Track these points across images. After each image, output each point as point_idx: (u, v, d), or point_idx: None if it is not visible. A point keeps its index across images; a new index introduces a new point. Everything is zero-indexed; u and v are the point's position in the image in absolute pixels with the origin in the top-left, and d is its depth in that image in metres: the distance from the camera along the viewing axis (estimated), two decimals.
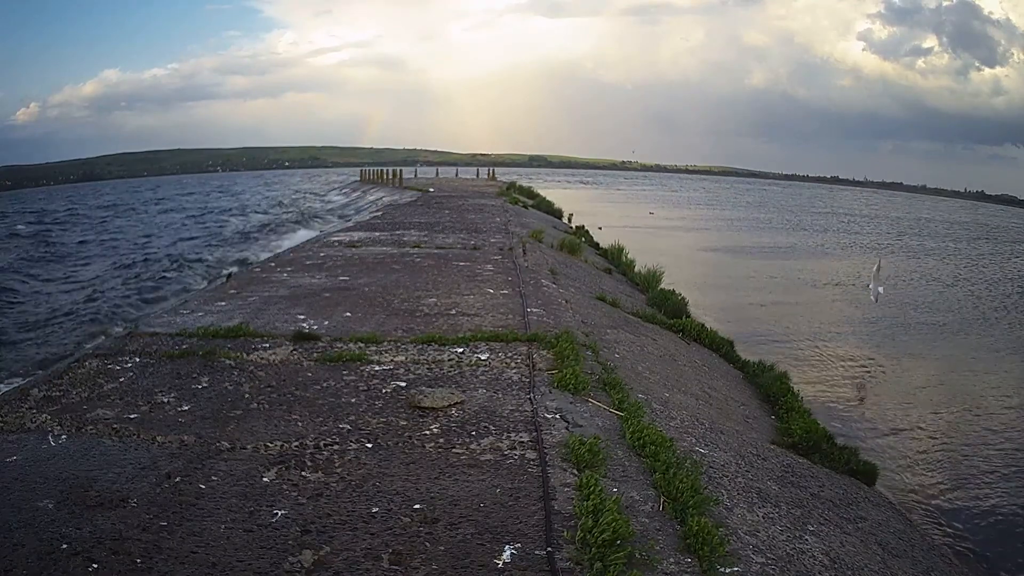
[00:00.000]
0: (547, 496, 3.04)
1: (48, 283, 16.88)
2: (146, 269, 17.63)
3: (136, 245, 23.92)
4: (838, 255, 26.10)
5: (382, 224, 15.53)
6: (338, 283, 8.07)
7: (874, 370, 10.62)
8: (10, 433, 3.69)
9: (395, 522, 2.83)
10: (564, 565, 2.54)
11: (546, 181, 75.71)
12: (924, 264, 24.83)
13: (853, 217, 53.09)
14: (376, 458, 3.43)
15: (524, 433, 3.74)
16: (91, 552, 2.57)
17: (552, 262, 10.79)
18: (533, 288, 8.02)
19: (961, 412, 8.85)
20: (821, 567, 3.22)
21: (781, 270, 20.85)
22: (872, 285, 12.61)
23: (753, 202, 68.40)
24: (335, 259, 9.97)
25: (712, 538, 2.79)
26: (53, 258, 21.31)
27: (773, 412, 6.54)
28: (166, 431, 3.72)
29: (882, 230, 41.34)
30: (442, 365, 4.91)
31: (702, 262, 21.86)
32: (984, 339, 13.35)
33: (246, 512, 2.90)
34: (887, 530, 4.46)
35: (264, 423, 3.85)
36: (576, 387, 4.44)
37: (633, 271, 13.71)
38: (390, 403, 4.18)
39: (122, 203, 51.68)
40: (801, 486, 4.42)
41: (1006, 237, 43.27)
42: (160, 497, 3.00)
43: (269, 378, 4.61)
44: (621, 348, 6.41)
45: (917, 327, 13.96)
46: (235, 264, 16.00)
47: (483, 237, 12.86)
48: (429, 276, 8.58)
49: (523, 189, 34.46)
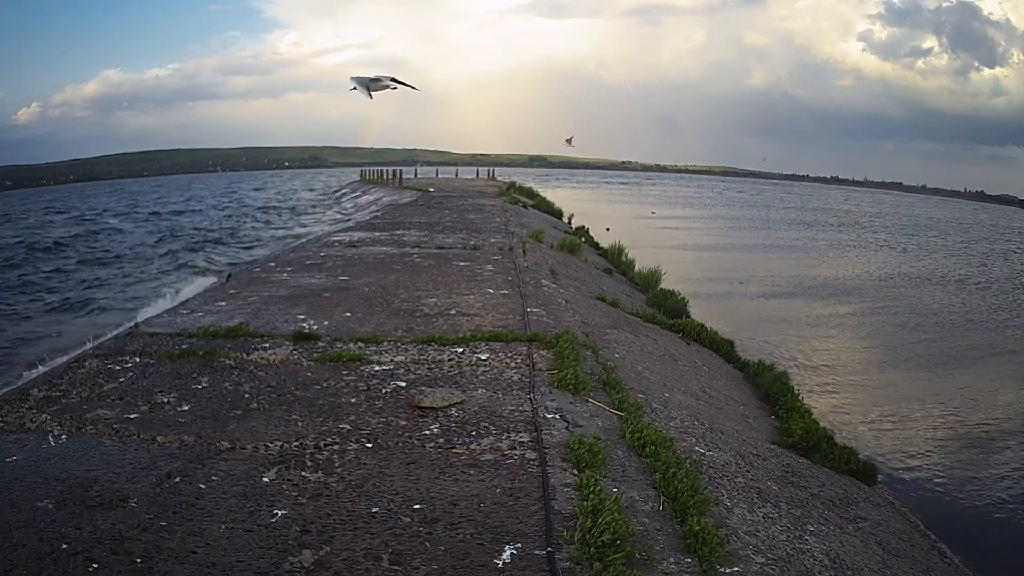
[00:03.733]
0: (547, 496, 3.04)
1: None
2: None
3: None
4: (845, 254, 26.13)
5: (382, 224, 15.52)
6: (338, 283, 8.07)
7: (874, 370, 10.62)
8: (10, 433, 3.69)
9: (395, 522, 2.83)
10: (564, 565, 2.54)
11: (546, 181, 75.67)
12: (923, 264, 24.84)
13: (862, 216, 53.43)
14: (376, 458, 3.43)
15: (524, 433, 3.74)
16: (91, 552, 2.57)
17: (552, 262, 10.78)
18: (533, 288, 8.02)
19: (962, 412, 8.86)
20: (821, 567, 3.22)
21: (780, 271, 20.85)
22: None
23: (759, 202, 68.42)
24: (335, 259, 9.97)
25: (712, 538, 2.79)
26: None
27: (773, 412, 6.53)
28: (166, 431, 3.72)
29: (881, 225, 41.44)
30: (442, 365, 4.91)
31: (702, 261, 21.86)
32: (985, 338, 13.36)
33: (246, 512, 2.90)
34: (887, 530, 4.46)
35: (264, 423, 3.85)
36: (576, 387, 4.44)
37: (633, 271, 13.71)
38: (390, 403, 4.17)
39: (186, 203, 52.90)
40: (801, 486, 4.42)
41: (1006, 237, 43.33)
42: (160, 497, 3.00)
43: (269, 378, 4.61)
44: (621, 348, 6.41)
45: (917, 327, 13.97)
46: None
47: (483, 237, 12.86)
48: (429, 276, 8.58)
49: (523, 189, 34.44)
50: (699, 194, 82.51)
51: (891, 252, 28.64)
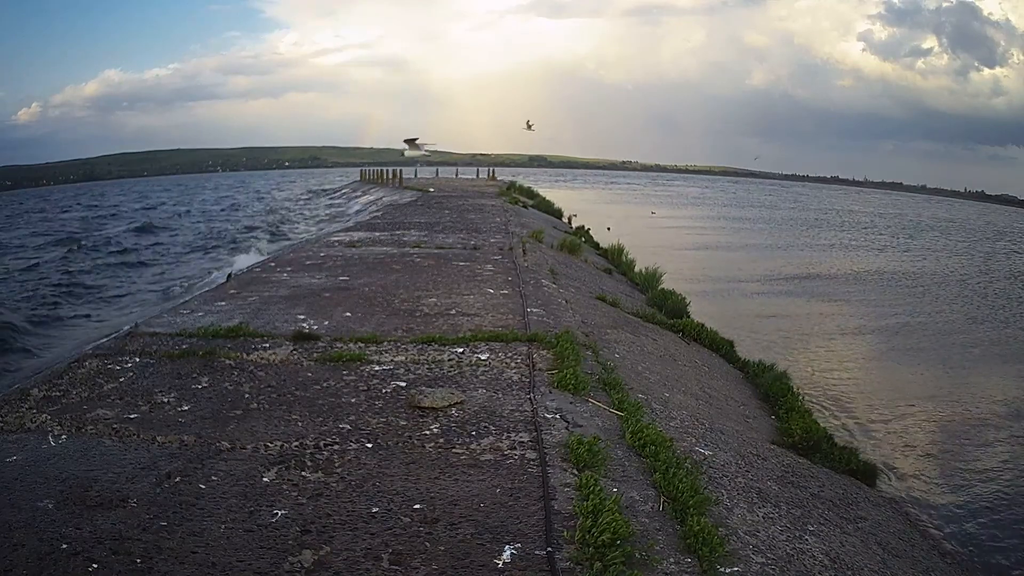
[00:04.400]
0: (547, 496, 3.04)
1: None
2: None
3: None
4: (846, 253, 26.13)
5: (382, 224, 15.52)
6: (338, 283, 8.07)
7: (875, 369, 10.62)
8: (10, 433, 3.69)
9: (395, 522, 2.83)
10: (564, 565, 2.54)
11: (547, 181, 75.63)
12: (926, 263, 24.84)
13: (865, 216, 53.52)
14: (376, 458, 3.43)
15: (524, 433, 3.74)
16: (91, 552, 2.57)
17: (552, 262, 10.78)
18: (533, 288, 8.02)
19: (962, 412, 8.85)
20: (821, 567, 3.22)
21: (781, 271, 20.85)
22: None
23: (766, 203, 68.39)
24: (335, 259, 9.97)
25: (712, 538, 2.79)
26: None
27: (773, 412, 6.54)
28: (166, 431, 3.72)
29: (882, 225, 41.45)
30: (442, 365, 4.91)
31: (702, 261, 21.86)
32: (986, 337, 13.35)
33: (246, 512, 2.90)
34: (887, 530, 4.46)
35: (264, 423, 3.85)
36: (576, 387, 4.44)
37: (633, 271, 13.71)
38: (390, 403, 4.17)
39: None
40: (801, 486, 4.42)
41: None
42: (160, 497, 3.00)
43: (269, 378, 4.61)
44: (621, 348, 6.41)
45: (918, 326, 13.96)
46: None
47: (483, 237, 12.86)
48: (429, 276, 8.58)
49: (523, 189, 34.45)
50: (702, 194, 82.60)
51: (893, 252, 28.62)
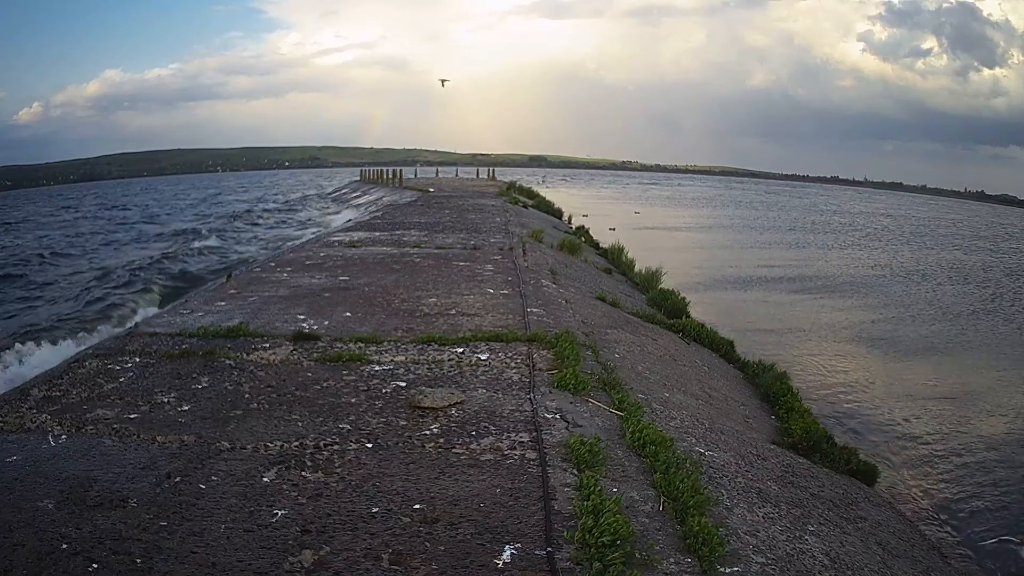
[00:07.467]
0: (547, 496, 3.04)
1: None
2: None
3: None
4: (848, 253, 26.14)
5: (382, 224, 15.52)
6: (338, 283, 8.07)
7: (874, 369, 10.61)
8: (10, 433, 3.69)
9: (395, 522, 2.83)
10: (564, 565, 2.54)
11: (547, 182, 75.60)
12: (924, 262, 24.84)
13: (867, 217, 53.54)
14: (376, 458, 3.43)
15: (524, 433, 3.74)
16: (91, 552, 2.57)
17: (552, 262, 10.78)
18: (533, 288, 8.02)
19: (962, 411, 8.85)
20: (821, 567, 3.22)
21: (781, 270, 20.85)
22: None
23: (760, 203, 68.39)
24: (335, 259, 9.97)
25: (712, 538, 2.79)
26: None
27: (773, 412, 6.53)
28: (166, 431, 3.72)
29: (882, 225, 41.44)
30: (442, 365, 4.91)
31: (702, 261, 21.86)
32: (987, 337, 13.35)
33: (246, 512, 2.89)
34: (887, 530, 4.46)
35: (264, 423, 3.85)
36: (576, 387, 4.44)
37: (633, 271, 13.71)
38: (390, 403, 4.17)
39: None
40: (801, 486, 4.42)
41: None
42: (160, 497, 3.00)
43: (269, 378, 4.61)
44: (621, 348, 6.40)
45: (918, 326, 13.96)
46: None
47: (483, 237, 12.86)
48: (429, 276, 8.58)
49: (523, 189, 34.44)
50: (703, 194, 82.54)
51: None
